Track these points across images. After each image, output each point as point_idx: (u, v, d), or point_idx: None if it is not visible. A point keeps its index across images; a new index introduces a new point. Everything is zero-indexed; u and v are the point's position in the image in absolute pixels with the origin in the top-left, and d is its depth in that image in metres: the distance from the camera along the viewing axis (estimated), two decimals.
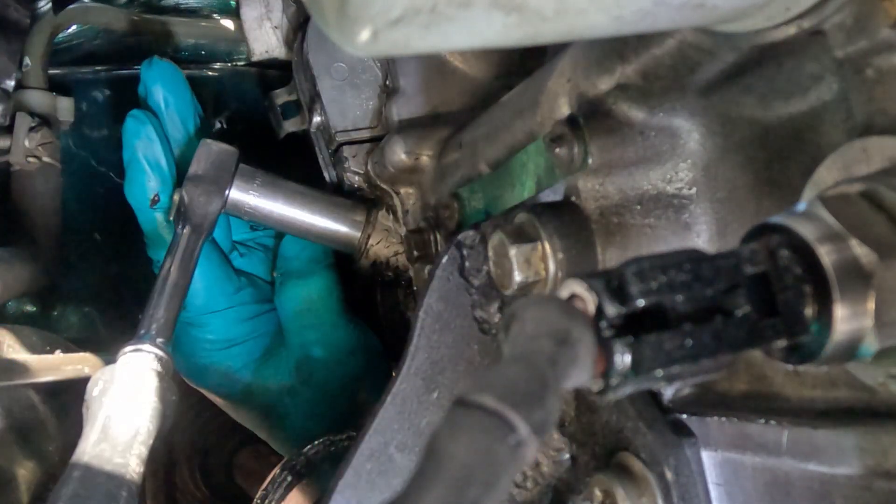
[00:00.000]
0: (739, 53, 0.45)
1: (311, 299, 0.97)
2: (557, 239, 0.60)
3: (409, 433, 0.73)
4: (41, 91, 1.10)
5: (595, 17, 0.35)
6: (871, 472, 0.43)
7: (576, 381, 0.34)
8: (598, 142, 0.57)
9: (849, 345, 0.36)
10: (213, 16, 1.19)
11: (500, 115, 0.72)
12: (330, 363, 0.98)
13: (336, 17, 0.32)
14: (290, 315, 0.98)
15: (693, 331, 0.34)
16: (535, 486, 0.66)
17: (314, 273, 0.98)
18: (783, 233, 0.37)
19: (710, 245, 0.56)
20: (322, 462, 0.90)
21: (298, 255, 0.99)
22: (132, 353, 0.80)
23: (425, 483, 0.29)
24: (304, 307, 0.97)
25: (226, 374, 0.98)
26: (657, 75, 0.51)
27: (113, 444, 0.72)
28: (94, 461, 0.70)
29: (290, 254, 1.00)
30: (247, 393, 0.99)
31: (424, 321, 0.73)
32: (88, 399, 0.76)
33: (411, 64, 0.93)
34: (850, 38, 0.39)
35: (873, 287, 0.36)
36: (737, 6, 0.39)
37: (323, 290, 0.97)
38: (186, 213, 0.91)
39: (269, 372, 0.98)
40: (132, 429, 0.74)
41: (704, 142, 0.55)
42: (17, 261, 1.03)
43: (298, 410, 0.99)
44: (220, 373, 0.98)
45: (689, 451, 0.54)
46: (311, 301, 0.97)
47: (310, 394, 0.98)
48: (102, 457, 0.71)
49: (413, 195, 0.94)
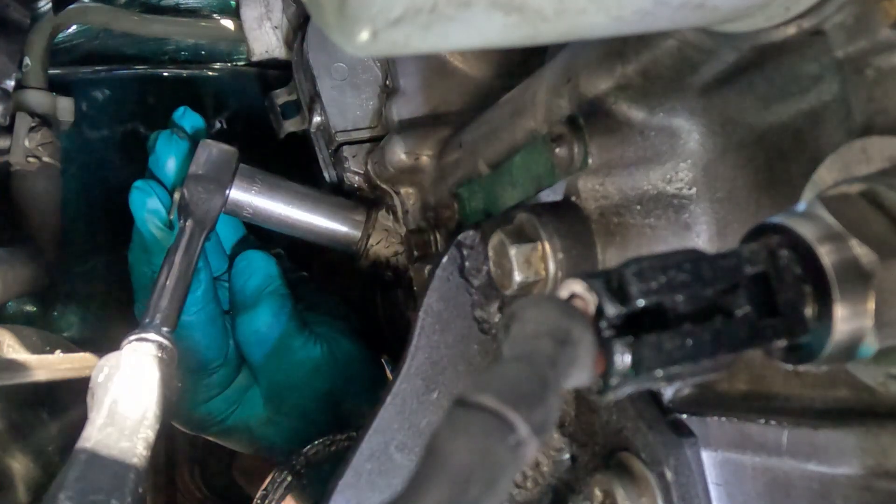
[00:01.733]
0: (739, 53, 0.45)
1: (260, 330, 0.95)
2: (557, 239, 0.60)
3: (409, 433, 0.73)
4: (41, 91, 1.10)
5: (595, 17, 0.35)
6: (871, 472, 0.43)
7: (576, 381, 0.34)
8: (598, 142, 0.57)
9: (849, 345, 0.36)
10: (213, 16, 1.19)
11: (500, 115, 0.72)
12: (297, 386, 0.96)
13: (336, 17, 0.32)
14: (246, 349, 0.97)
15: (693, 331, 0.34)
16: (535, 486, 0.66)
17: (259, 302, 0.96)
18: (783, 233, 0.37)
19: (710, 245, 0.56)
20: (322, 462, 0.90)
21: (243, 288, 0.98)
22: (137, 341, 0.80)
23: (425, 483, 0.29)
24: (256, 338, 0.96)
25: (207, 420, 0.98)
26: (657, 75, 0.51)
27: (120, 428, 0.71)
28: (100, 445, 0.69)
29: (235, 287, 0.99)
30: (229, 432, 1.00)
31: (424, 321, 0.73)
32: (93, 385, 0.76)
33: (411, 64, 0.93)
34: (850, 38, 0.39)
35: (873, 287, 0.36)
36: (737, 6, 0.39)
37: (270, 317, 0.96)
38: (188, 208, 0.91)
39: (245, 410, 0.98)
40: (139, 412, 0.73)
41: (704, 142, 0.55)
42: (17, 261, 1.03)
43: (282, 437, 0.99)
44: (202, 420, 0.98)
45: (689, 451, 0.54)
46: (260, 332, 0.95)
47: (286, 421, 0.98)
48: (109, 440, 0.69)
49: (413, 195, 0.94)
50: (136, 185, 0.94)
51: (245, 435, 1.00)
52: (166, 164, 0.97)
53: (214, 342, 0.94)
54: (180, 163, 0.96)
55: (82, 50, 1.19)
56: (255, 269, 0.98)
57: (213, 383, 0.95)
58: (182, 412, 0.97)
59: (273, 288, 0.98)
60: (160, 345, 0.80)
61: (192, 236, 0.90)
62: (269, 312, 0.96)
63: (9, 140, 1.07)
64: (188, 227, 0.90)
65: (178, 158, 0.97)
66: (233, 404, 0.98)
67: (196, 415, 0.97)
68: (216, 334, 0.94)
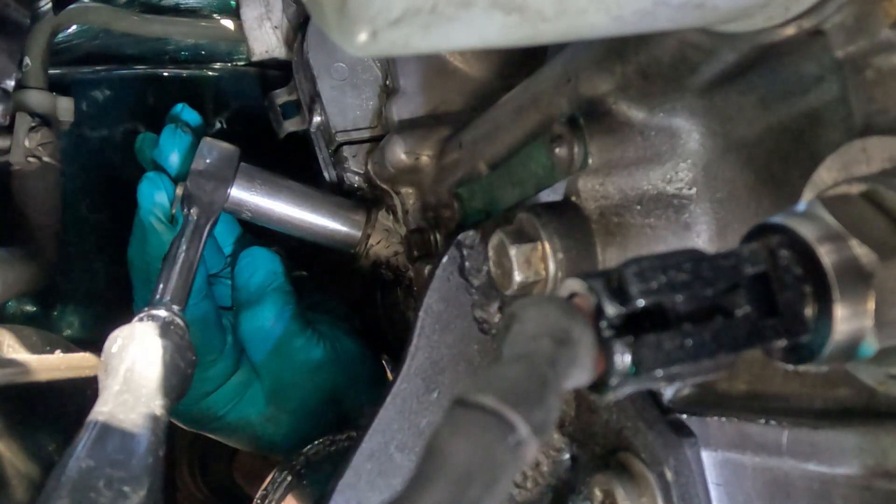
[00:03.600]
0: (739, 53, 0.45)
1: (264, 327, 0.95)
2: (557, 239, 0.60)
3: (409, 433, 0.74)
4: (41, 91, 1.10)
5: (595, 17, 0.35)
6: (871, 472, 0.43)
7: (576, 381, 0.34)
8: (598, 142, 0.57)
9: (849, 345, 0.36)
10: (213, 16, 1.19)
11: (500, 115, 0.72)
12: (299, 385, 0.96)
13: (336, 17, 0.32)
14: (248, 346, 0.97)
15: (693, 331, 0.34)
16: (535, 486, 0.66)
17: (262, 299, 0.96)
18: (783, 233, 0.37)
19: (710, 245, 0.56)
20: (322, 462, 0.90)
21: (246, 284, 0.98)
22: (148, 316, 0.80)
23: (425, 483, 0.29)
24: (259, 335, 0.95)
25: (207, 416, 0.98)
26: (657, 75, 0.51)
27: (136, 395, 0.70)
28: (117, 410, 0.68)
29: (239, 284, 0.99)
30: (229, 428, 1.00)
31: (424, 321, 0.73)
32: (106, 356, 0.75)
33: (411, 64, 0.93)
34: (850, 38, 0.39)
35: (873, 287, 0.36)
36: (737, 6, 0.39)
37: (273, 314, 0.95)
38: (192, 198, 0.91)
39: (246, 407, 0.98)
40: (155, 379, 0.72)
41: (704, 142, 0.55)
42: (17, 261, 1.03)
43: (283, 435, 0.98)
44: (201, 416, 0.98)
45: (689, 451, 0.54)
46: (263, 328, 0.95)
47: (289, 419, 0.98)
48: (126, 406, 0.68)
49: (413, 195, 0.94)
50: (148, 175, 0.95)
51: (246, 432, 1.00)
52: (169, 158, 0.97)
53: (209, 337, 0.94)
54: (183, 157, 0.96)
55: (82, 50, 1.19)
56: (258, 265, 0.98)
57: (209, 377, 0.95)
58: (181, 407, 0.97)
59: (277, 285, 0.98)
60: (171, 320, 0.80)
61: (198, 223, 0.90)
62: (273, 309, 0.96)
63: (9, 140, 1.07)
64: (194, 214, 0.90)
65: (181, 152, 0.97)
66: (232, 400, 0.98)
67: (196, 410, 0.97)
68: (210, 330, 0.94)
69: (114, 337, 0.76)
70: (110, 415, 0.67)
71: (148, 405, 0.69)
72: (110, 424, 0.67)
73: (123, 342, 0.75)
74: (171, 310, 0.82)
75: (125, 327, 0.78)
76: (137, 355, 0.73)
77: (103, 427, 0.66)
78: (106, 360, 0.75)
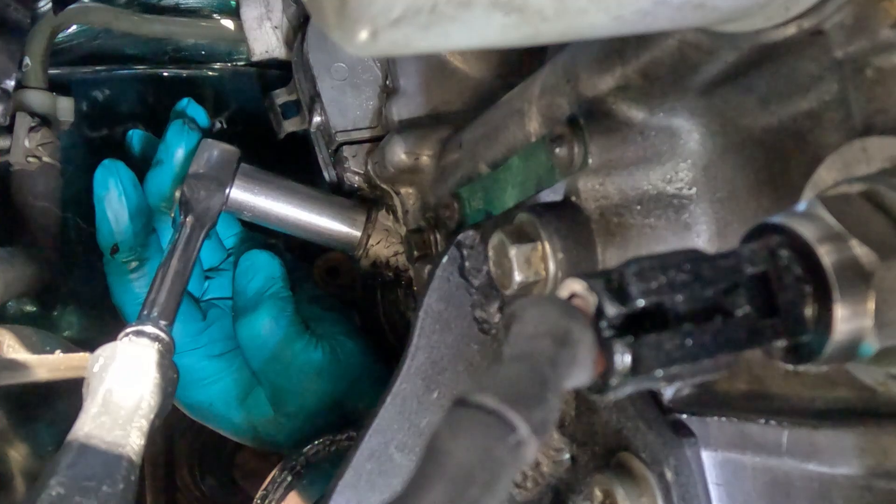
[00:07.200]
0: (739, 53, 0.45)
1: (261, 334, 0.95)
2: (557, 239, 0.60)
3: (409, 433, 0.73)
4: (41, 91, 1.10)
5: (595, 17, 0.35)
6: (871, 472, 0.43)
7: (576, 382, 0.34)
8: (598, 142, 0.57)
9: (849, 345, 0.36)
10: (213, 16, 1.19)
11: (500, 115, 0.72)
12: (299, 390, 0.96)
13: (336, 17, 0.32)
14: (248, 352, 0.97)
15: (693, 331, 0.34)
16: (535, 486, 0.66)
17: (258, 306, 0.96)
18: (783, 233, 0.37)
19: (710, 245, 0.56)
20: (322, 462, 0.90)
21: (244, 290, 0.98)
22: (134, 333, 0.80)
23: (425, 483, 0.29)
24: (255, 343, 0.95)
25: (209, 411, 0.98)
26: (657, 75, 0.51)
27: (114, 417, 0.70)
28: (93, 433, 0.68)
29: (238, 288, 0.99)
30: (234, 428, 1.00)
31: (424, 321, 0.73)
32: (89, 375, 0.75)
33: (411, 64, 0.93)
34: (850, 38, 0.39)
35: (873, 287, 0.36)
36: (737, 6, 0.39)
37: (268, 321, 0.95)
38: (188, 205, 0.91)
39: (249, 409, 0.98)
40: (133, 401, 0.72)
41: (704, 142, 0.55)
42: (17, 261, 1.03)
43: (285, 437, 0.99)
44: (204, 410, 0.99)
45: (689, 451, 0.54)
46: (259, 336, 0.95)
47: (290, 423, 0.98)
48: (102, 429, 0.69)
49: (413, 195, 0.94)
50: (104, 163, 0.95)
51: (249, 433, 1.01)
52: (175, 154, 0.97)
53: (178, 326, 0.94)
54: (188, 154, 0.97)
55: (82, 50, 1.19)
56: (257, 270, 0.98)
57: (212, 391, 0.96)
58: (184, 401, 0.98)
59: (273, 291, 0.98)
60: (157, 336, 0.80)
61: (191, 233, 0.90)
62: (268, 317, 0.95)
63: (9, 140, 1.07)
64: (188, 224, 0.90)
65: (188, 149, 0.97)
66: (234, 400, 0.98)
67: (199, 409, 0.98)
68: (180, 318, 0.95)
69: (96, 356, 0.77)
70: (87, 437, 0.68)
71: (125, 427, 0.70)
72: (87, 446, 0.68)
73: (105, 361, 0.75)
74: (157, 325, 0.81)
75: (108, 346, 0.78)
76: (117, 377, 0.74)
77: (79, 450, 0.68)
78: (88, 379, 0.75)
